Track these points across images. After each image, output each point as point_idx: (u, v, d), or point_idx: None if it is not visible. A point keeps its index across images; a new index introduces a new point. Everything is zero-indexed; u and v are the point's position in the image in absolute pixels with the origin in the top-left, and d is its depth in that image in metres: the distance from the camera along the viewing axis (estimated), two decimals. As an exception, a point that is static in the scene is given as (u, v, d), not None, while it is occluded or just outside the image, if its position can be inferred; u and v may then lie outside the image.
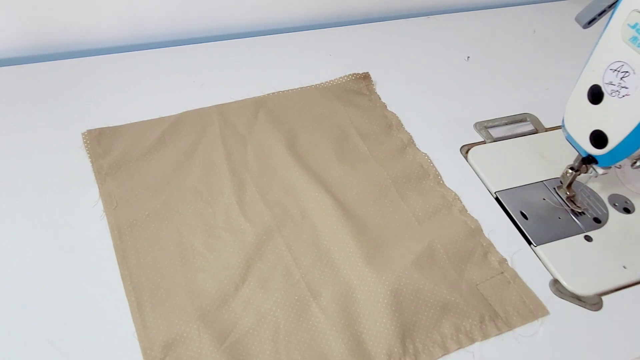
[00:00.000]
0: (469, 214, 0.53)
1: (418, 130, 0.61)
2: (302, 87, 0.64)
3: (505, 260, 0.49)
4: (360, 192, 0.53)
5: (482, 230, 0.51)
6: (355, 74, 0.66)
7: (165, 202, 0.49)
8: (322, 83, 0.65)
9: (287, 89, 0.63)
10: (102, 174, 0.51)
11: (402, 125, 0.61)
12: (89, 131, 0.54)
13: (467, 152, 0.60)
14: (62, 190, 0.50)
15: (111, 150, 0.53)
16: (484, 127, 0.63)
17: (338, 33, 0.75)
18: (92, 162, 0.52)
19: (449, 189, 0.55)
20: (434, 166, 0.57)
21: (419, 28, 0.78)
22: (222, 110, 0.59)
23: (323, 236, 0.48)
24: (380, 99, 0.64)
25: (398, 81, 0.68)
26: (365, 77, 0.66)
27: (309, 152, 0.56)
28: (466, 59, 0.73)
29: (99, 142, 0.53)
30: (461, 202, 0.53)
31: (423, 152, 0.58)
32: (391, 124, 0.61)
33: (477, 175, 0.57)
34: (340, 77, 0.66)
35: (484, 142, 0.61)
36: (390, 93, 0.66)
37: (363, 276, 0.45)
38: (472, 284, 0.47)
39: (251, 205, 0.50)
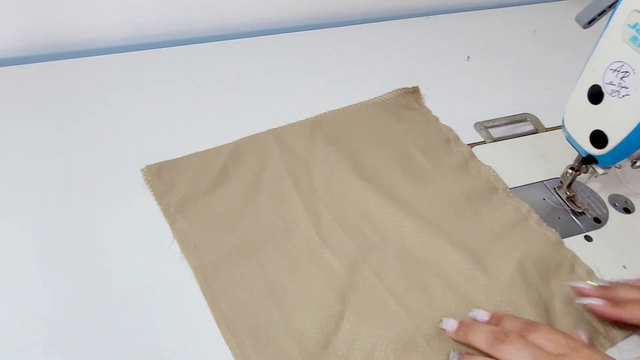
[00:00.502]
0: (546, 225, 0.51)
1: (418, 130, 0.61)
2: (352, 105, 0.62)
3: (592, 270, 0.48)
4: (436, 212, 0.51)
5: (563, 242, 0.50)
6: (403, 88, 0.65)
7: (242, 237, 0.47)
8: (371, 99, 0.63)
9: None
10: (171, 212, 0.48)
11: (459, 138, 0.59)
12: (148, 167, 0.52)
13: (467, 152, 0.60)
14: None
15: (174, 186, 0.51)
16: (484, 127, 0.63)
17: (338, 33, 0.75)
18: (157, 200, 0.50)
19: (521, 201, 0.53)
20: (500, 179, 0.55)
21: (419, 28, 0.78)
22: (277, 134, 0.57)
23: (409, 261, 0.47)
24: (430, 112, 0.63)
25: (398, 81, 0.68)
26: (414, 91, 0.65)
27: (375, 174, 0.54)
28: (466, 59, 0.73)
29: (160, 178, 0.51)
30: (536, 214, 0.52)
31: (487, 165, 0.56)
32: (448, 138, 0.59)
33: (477, 175, 0.57)
34: (389, 93, 0.64)
35: (484, 142, 0.61)
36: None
37: (461, 301, 0.44)
38: (566, 300, 0.45)
39: (330, 235, 0.48)
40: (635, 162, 0.49)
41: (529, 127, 0.64)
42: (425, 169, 0.56)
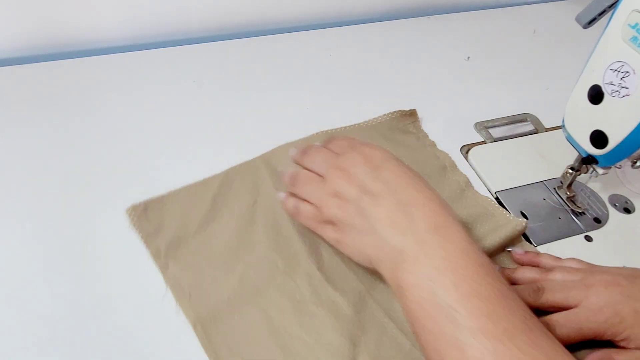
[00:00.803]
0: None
1: (418, 130, 0.61)
2: (344, 127, 0.59)
3: None
4: None
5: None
6: (400, 110, 0.61)
7: (241, 280, 0.44)
8: (367, 122, 0.60)
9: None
10: (162, 257, 0.44)
11: (455, 165, 0.57)
12: (134, 207, 0.47)
13: (467, 152, 0.60)
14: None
15: (163, 227, 0.46)
16: (484, 127, 0.63)
17: (338, 33, 0.75)
18: (146, 243, 0.45)
19: (518, 220, 0.50)
20: (498, 206, 0.52)
21: (419, 28, 0.78)
22: (267, 160, 0.54)
23: None
24: (428, 137, 0.60)
25: (398, 81, 0.68)
26: (412, 114, 0.62)
27: None
28: (466, 59, 0.73)
29: (147, 218, 0.47)
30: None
31: (484, 195, 0.54)
32: (445, 165, 0.57)
33: (477, 175, 0.57)
34: (385, 115, 0.61)
35: (484, 142, 0.61)
36: (391, 93, 0.66)
37: None
38: None
39: (333, 270, 0.45)
40: (635, 162, 0.49)
41: (529, 127, 0.64)
42: None
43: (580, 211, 0.54)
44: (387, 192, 0.39)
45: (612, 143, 0.45)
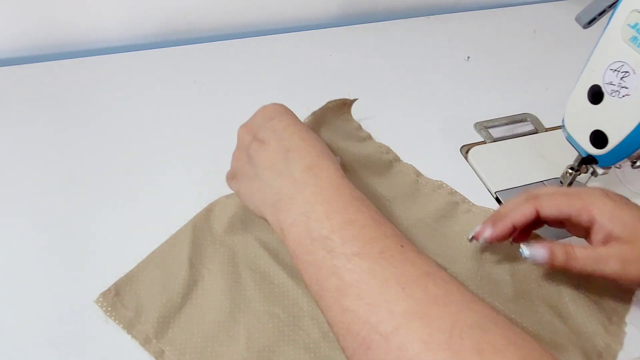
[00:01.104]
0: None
1: (418, 130, 0.61)
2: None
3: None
4: (419, 243, 0.48)
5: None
6: (341, 99, 0.57)
7: (248, 345, 0.40)
8: (310, 118, 0.54)
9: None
10: (153, 344, 0.40)
11: (398, 157, 0.56)
12: (103, 295, 0.42)
13: (467, 152, 0.60)
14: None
15: (143, 309, 0.41)
16: (484, 127, 0.63)
17: (338, 33, 0.75)
18: (130, 333, 0.40)
19: (483, 208, 0.51)
20: (456, 191, 0.53)
21: (419, 28, 0.78)
22: (230, 198, 0.49)
23: None
24: (362, 128, 0.58)
25: (398, 81, 0.68)
26: (351, 103, 0.58)
27: None
28: (466, 59, 0.73)
29: (122, 303, 0.42)
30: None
31: (438, 180, 0.55)
32: (390, 160, 0.56)
33: (477, 175, 0.57)
34: (324, 106, 0.56)
35: (484, 142, 0.61)
36: (390, 93, 0.66)
37: None
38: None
39: None
40: (635, 162, 0.49)
41: (529, 127, 0.64)
42: (382, 202, 0.51)
43: (580, 211, 0.54)
44: (274, 139, 0.41)
45: (612, 143, 0.45)
